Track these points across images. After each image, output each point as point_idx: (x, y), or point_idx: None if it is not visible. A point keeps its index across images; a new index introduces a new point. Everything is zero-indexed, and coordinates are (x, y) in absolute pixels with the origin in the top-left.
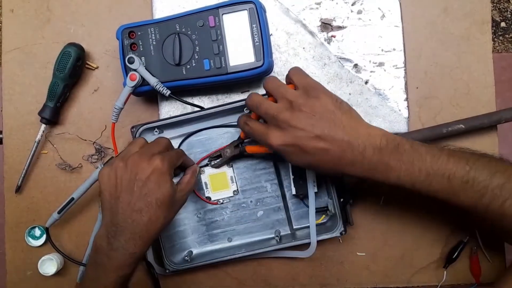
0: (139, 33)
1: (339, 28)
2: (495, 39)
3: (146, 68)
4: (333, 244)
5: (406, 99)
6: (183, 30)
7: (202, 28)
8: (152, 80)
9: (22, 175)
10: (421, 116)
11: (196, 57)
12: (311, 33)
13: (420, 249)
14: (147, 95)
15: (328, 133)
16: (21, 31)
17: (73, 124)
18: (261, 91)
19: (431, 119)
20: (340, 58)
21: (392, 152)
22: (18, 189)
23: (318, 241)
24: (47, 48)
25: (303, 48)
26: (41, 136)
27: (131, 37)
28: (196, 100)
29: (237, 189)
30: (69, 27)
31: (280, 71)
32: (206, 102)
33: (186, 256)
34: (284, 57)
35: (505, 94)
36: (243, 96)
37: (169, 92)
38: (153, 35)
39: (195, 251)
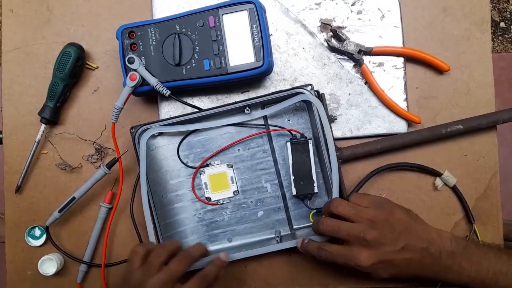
0: (139, 33)
1: (339, 28)
2: (495, 39)
3: (146, 68)
4: None
5: (406, 99)
6: (183, 30)
7: (202, 28)
8: (152, 80)
9: (22, 175)
10: (421, 116)
11: (196, 57)
12: (311, 33)
13: None
14: (147, 95)
15: (409, 243)
16: (21, 31)
17: (73, 124)
18: (261, 91)
19: (431, 119)
20: (339, 58)
21: (462, 254)
22: (18, 189)
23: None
24: (47, 48)
25: (303, 48)
26: (41, 136)
27: (131, 37)
28: (196, 100)
29: (237, 190)
30: (69, 27)
31: (279, 71)
32: (206, 102)
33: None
34: (284, 57)
35: (504, 94)
36: (243, 96)
37: (169, 92)
38: (153, 35)
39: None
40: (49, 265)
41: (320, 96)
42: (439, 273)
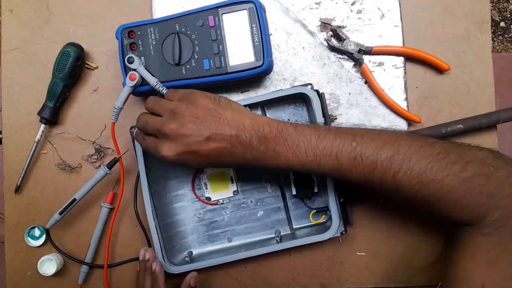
0: (138, 33)
1: (339, 27)
2: (495, 39)
3: (145, 68)
4: (333, 244)
5: (406, 99)
6: (182, 30)
7: (201, 28)
8: (152, 80)
9: (22, 175)
10: (421, 115)
11: (196, 57)
12: (311, 33)
13: (420, 249)
14: (147, 95)
15: (215, 132)
16: (21, 31)
17: (72, 124)
18: (261, 91)
19: (431, 119)
20: (339, 57)
21: (277, 138)
22: (18, 189)
23: (317, 242)
24: (46, 48)
25: (303, 48)
26: (41, 136)
27: (130, 37)
28: None
29: (237, 189)
30: (69, 27)
31: (279, 71)
32: None
33: (186, 256)
34: (283, 57)
35: (504, 94)
36: (243, 96)
37: None
38: (152, 35)
39: (195, 252)
40: (48, 266)
41: (320, 96)
42: (254, 160)
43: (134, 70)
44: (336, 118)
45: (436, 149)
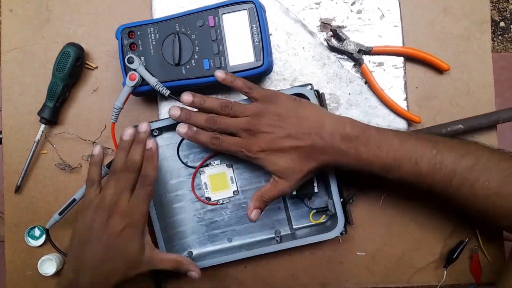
0: (138, 33)
1: (339, 27)
2: (494, 39)
3: (145, 68)
4: (333, 244)
5: (406, 99)
6: (182, 30)
7: (201, 28)
8: (152, 80)
9: (22, 175)
10: (421, 116)
11: (196, 57)
12: (311, 33)
13: (420, 249)
14: (147, 95)
15: (296, 129)
16: (21, 31)
17: (72, 124)
18: None
19: (431, 119)
20: (339, 58)
21: (360, 137)
22: (18, 189)
23: (317, 242)
24: (46, 48)
25: (303, 48)
26: (41, 136)
27: (130, 37)
28: None
29: (237, 189)
30: (69, 27)
31: (279, 71)
32: None
33: (186, 256)
34: (283, 57)
35: (504, 94)
36: (243, 96)
37: (168, 92)
38: (152, 35)
39: (195, 252)
40: (48, 265)
41: (320, 96)
42: (336, 158)
43: (134, 70)
44: None
45: None
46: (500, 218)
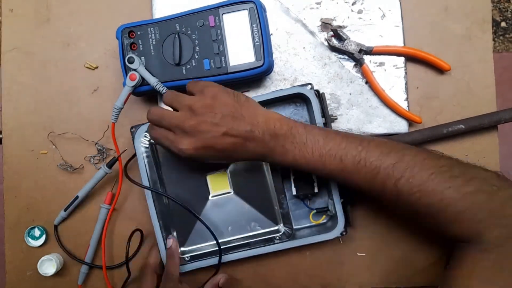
0: (139, 32)
1: (340, 27)
2: (496, 39)
3: (146, 68)
4: (334, 244)
5: (407, 99)
6: (183, 29)
7: (202, 27)
8: (152, 80)
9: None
10: (422, 116)
11: (196, 57)
12: (312, 32)
13: (421, 249)
14: (147, 95)
15: (232, 128)
16: (21, 31)
17: (73, 125)
18: (261, 91)
19: (432, 119)
20: (340, 58)
21: (286, 135)
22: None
23: (318, 242)
24: (46, 48)
25: (303, 47)
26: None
27: (131, 37)
28: None
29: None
30: (69, 27)
31: (280, 71)
32: None
33: (186, 256)
34: (284, 57)
35: (505, 94)
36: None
37: None
38: (153, 34)
39: (194, 251)
40: (48, 266)
41: (320, 96)
42: (264, 155)
43: (135, 70)
44: (336, 118)
45: (440, 162)
46: (426, 218)
